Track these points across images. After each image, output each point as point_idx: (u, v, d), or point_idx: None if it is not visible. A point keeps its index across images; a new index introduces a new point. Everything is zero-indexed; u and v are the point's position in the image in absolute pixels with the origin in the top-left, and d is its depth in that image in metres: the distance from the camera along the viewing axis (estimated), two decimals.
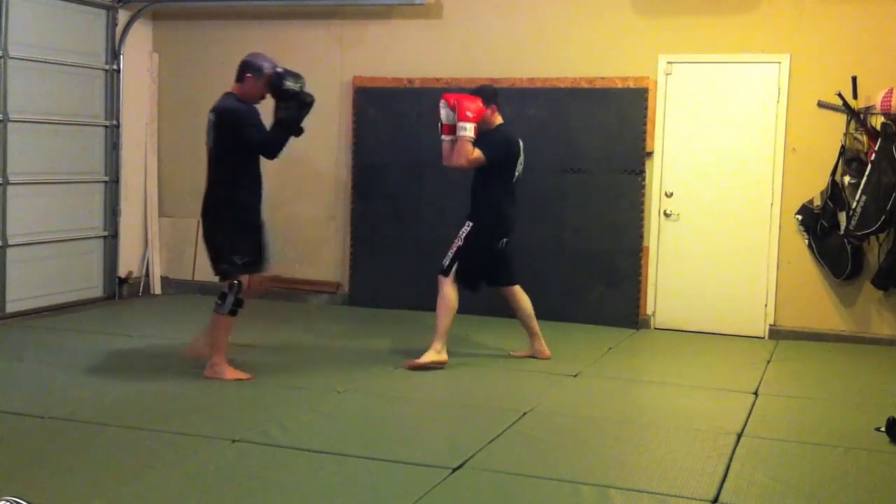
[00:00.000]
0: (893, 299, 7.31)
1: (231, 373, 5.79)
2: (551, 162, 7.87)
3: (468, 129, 6.13)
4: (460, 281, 6.34)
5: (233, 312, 5.81)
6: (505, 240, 6.38)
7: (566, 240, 7.91)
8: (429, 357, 6.23)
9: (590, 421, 5.20)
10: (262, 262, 5.97)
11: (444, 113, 6.28)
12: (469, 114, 6.13)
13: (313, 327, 7.42)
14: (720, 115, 7.63)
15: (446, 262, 6.30)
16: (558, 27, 7.96)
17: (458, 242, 6.29)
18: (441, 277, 6.30)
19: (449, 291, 6.28)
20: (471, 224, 6.31)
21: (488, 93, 6.37)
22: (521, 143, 6.42)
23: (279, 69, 5.81)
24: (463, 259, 6.29)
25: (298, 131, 5.87)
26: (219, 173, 5.83)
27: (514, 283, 6.56)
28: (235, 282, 5.77)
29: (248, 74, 5.78)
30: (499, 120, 6.42)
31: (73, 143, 8.27)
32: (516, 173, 6.40)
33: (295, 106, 5.79)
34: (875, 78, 7.15)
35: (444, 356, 6.26)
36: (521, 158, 6.42)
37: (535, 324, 6.58)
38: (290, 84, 5.74)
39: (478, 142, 6.20)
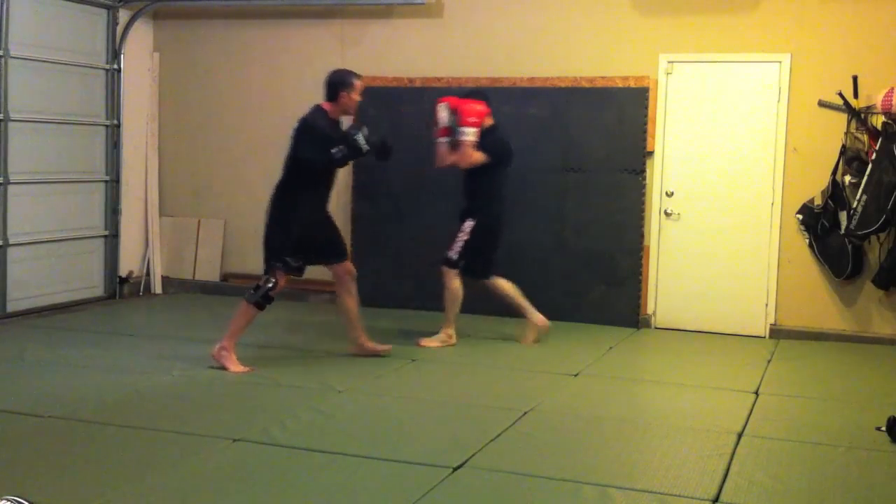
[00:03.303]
0: (894, 299, 7.31)
1: (235, 365, 5.97)
2: (552, 161, 7.88)
3: (471, 134, 6.57)
4: (463, 273, 6.78)
5: (259, 305, 6.04)
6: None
7: (567, 239, 7.91)
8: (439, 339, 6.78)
9: (590, 421, 5.20)
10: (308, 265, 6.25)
11: (444, 116, 6.68)
12: (472, 119, 6.56)
13: (314, 326, 7.42)
14: (721, 115, 7.62)
15: (454, 255, 6.72)
16: (558, 27, 7.95)
17: (464, 237, 6.71)
18: (447, 269, 6.74)
19: (456, 282, 6.74)
20: (473, 221, 6.72)
21: (485, 97, 6.78)
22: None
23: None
24: (468, 253, 6.73)
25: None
26: (292, 179, 6.04)
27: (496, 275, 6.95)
28: (273, 278, 6.01)
29: (343, 92, 6.02)
30: (490, 121, 6.79)
31: (74, 142, 8.28)
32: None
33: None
34: (875, 77, 7.14)
35: (453, 339, 6.83)
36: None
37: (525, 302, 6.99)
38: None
39: (478, 144, 6.60)
